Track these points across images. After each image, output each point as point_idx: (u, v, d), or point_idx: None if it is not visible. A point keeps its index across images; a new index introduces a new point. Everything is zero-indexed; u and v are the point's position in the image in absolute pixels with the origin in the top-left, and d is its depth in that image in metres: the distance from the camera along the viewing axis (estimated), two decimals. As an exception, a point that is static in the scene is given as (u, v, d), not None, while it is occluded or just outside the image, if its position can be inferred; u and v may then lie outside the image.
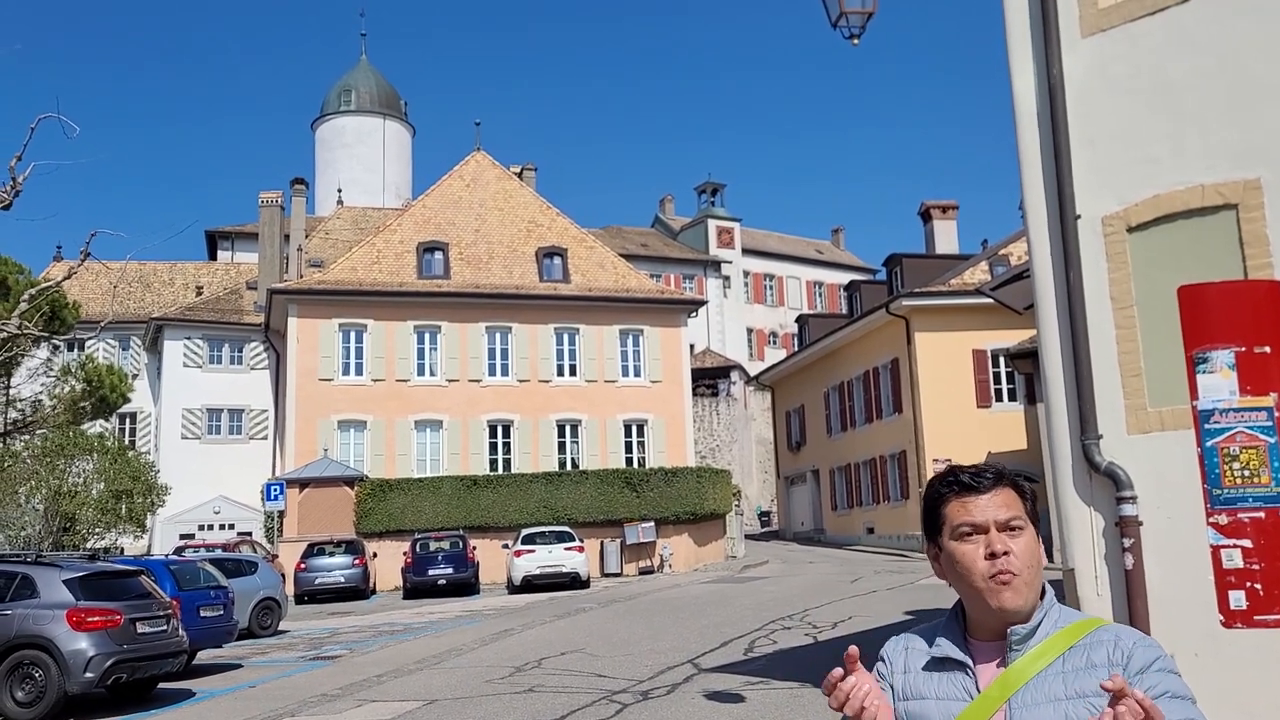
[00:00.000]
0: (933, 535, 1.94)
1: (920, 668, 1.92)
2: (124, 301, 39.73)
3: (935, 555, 1.95)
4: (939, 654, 1.90)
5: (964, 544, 1.86)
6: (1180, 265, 6.02)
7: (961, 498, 1.89)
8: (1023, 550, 1.84)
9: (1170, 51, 6.35)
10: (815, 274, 68.25)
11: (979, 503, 1.87)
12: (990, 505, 1.86)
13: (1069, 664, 1.80)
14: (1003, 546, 1.83)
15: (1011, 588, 1.82)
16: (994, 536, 1.84)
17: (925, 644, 1.95)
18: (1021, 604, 1.83)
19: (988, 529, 1.84)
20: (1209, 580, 5.34)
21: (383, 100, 66.49)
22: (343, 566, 26.34)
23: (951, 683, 1.87)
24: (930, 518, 1.94)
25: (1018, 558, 1.83)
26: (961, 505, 1.88)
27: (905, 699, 1.91)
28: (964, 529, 1.87)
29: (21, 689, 10.93)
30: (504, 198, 38.72)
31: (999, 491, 1.87)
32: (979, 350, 30.90)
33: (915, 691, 1.91)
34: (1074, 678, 1.78)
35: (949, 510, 1.90)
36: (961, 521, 1.87)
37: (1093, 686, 1.75)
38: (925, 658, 1.93)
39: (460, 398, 33.87)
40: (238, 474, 36.77)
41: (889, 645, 2.02)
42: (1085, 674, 1.78)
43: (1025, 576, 1.83)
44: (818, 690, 9.80)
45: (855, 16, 7.32)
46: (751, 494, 53.61)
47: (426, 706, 10.24)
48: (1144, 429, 6.18)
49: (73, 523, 26.14)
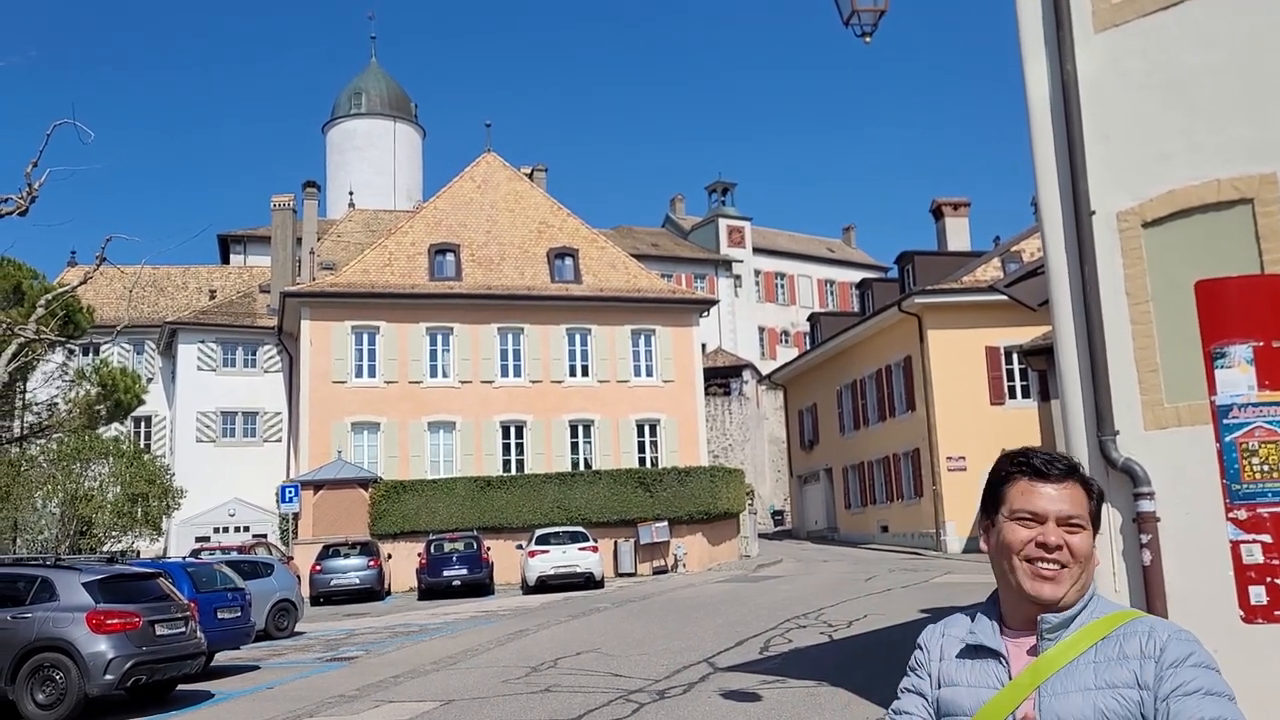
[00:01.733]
0: (990, 511, 1.92)
1: (954, 655, 1.91)
2: (138, 306, 39.92)
3: (987, 529, 1.93)
4: (973, 641, 1.89)
5: (1019, 528, 1.83)
6: (1196, 260, 6.00)
7: (1029, 481, 1.85)
8: (1077, 547, 1.81)
9: (1184, 46, 6.33)
10: (827, 272, 68.15)
11: (1045, 491, 1.84)
12: (1056, 497, 1.83)
13: (1101, 654, 1.78)
14: (1057, 540, 1.81)
15: (1054, 582, 1.80)
16: (1050, 528, 1.81)
17: (961, 631, 1.94)
18: (1058, 598, 1.81)
19: (1046, 519, 1.82)
20: (1228, 576, 5.32)
21: (393, 103, 66.64)
22: (358, 568, 26.41)
23: (984, 670, 1.86)
24: (991, 493, 1.91)
25: (1069, 554, 1.81)
26: (1027, 489, 1.85)
27: (940, 686, 1.91)
28: (1023, 514, 1.84)
29: (42, 691, 11.01)
30: (515, 199, 38.77)
31: (1067, 485, 1.84)
32: (992, 347, 30.81)
33: (949, 679, 1.90)
34: (1105, 668, 1.76)
35: (1013, 491, 1.87)
36: (1022, 506, 1.84)
37: (1124, 677, 1.74)
38: (959, 645, 1.91)
39: (473, 399, 33.93)
40: (252, 476, 36.90)
41: (927, 633, 2.01)
42: (1117, 665, 1.76)
43: (1071, 573, 1.81)
44: (834, 689, 9.84)
45: (867, 14, 7.31)
46: (764, 493, 53.56)
47: (443, 707, 10.27)
48: (1161, 425, 6.17)
49: (89, 526, 26.30)
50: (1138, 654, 1.75)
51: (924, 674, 1.95)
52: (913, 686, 1.97)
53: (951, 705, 1.86)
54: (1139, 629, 1.79)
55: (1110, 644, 1.78)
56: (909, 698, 1.96)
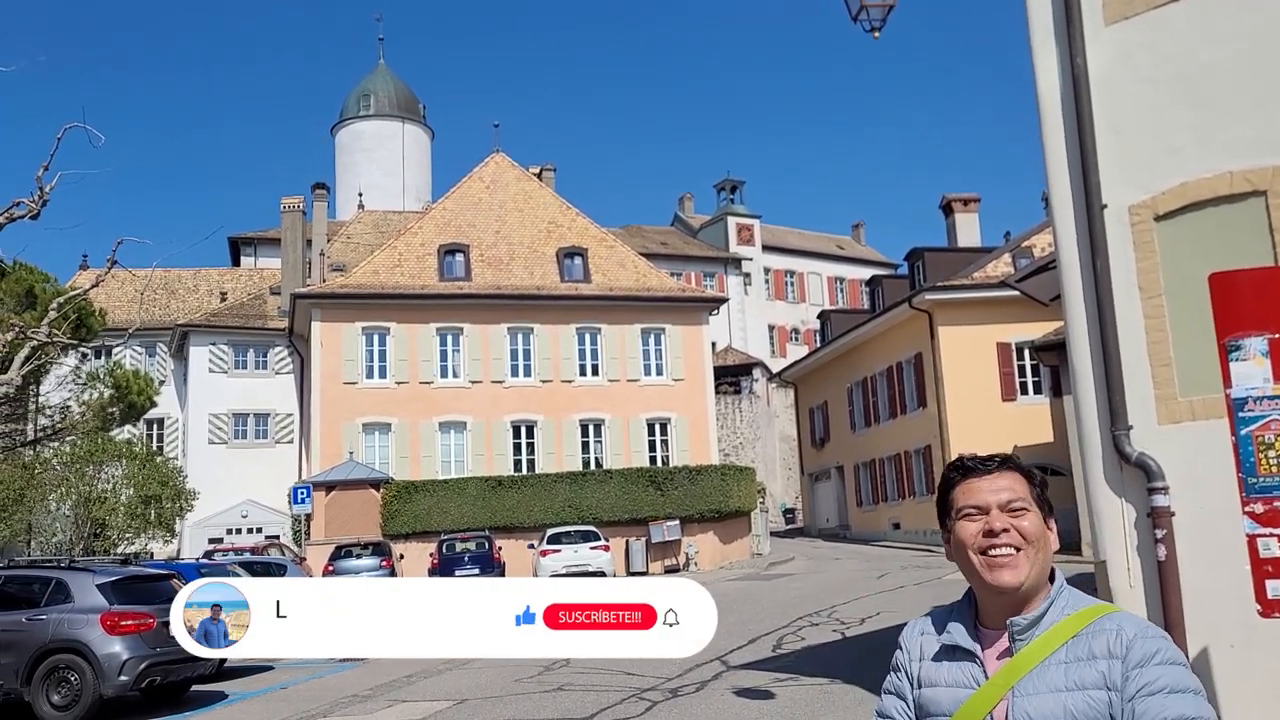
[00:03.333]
0: (944, 520, 2.00)
1: (931, 656, 1.96)
2: (149, 308, 40.03)
3: (946, 539, 2.00)
4: (949, 642, 1.94)
5: (967, 523, 1.92)
6: (1208, 253, 5.97)
7: (966, 481, 1.95)
8: (1026, 529, 1.87)
9: (1195, 38, 6.30)
10: (836, 270, 68.01)
11: (981, 485, 1.93)
12: (992, 487, 1.91)
13: (1071, 654, 1.80)
14: (1001, 524, 1.87)
15: (1009, 566, 1.86)
16: (994, 516, 1.88)
17: (937, 631, 1.99)
18: (1018, 582, 1.85)
19: (989, 509, 1.89)
20: (1244, 570, 5.28)
21: (401, 104, 66.75)
22: (370, 568, 26.44)
23: (961, 671, 1.90)
24: (941, 503, 2.00)
25: (1019, 536, 1.86)
26: (966, 487, 1.94)
27: (919, 686, 1.96)
28: (968, 510, 1.92)
29: (57, 692, 11.06)
30: (524, 199, 38.79)
31: (1002, 475, 1.92)
32: (1003, 343, 30.69)
33: (928, 679, 1.95)
34: (1074, 669, 1.79)
35: (956, 493, 1.96)
36: (965, 502, 1.93)
37: (1092, 678, 1.77)
38: (936, 645, 1.97)
39: (483, 399, 33.96)
40: (265, 478, 36.98)
41: (906, 632, 2.07)
42: (1085, 665, 1.78)
43: (1026, 554, 1.86)
44: (847, 686, 9.82)
45: (876, 9, 7.29)
46: (776, 491, 53.48)
47: (456, 706, 10.29)
48: (1175, 419, 6.14)
49: (103, 528, 26.44)
50: (1105, 653, 1.78)
51: (903, 675, 2.00)
52: (893, 688, 2.02)
53: (932, 705, 1.91)
54: (1107, 626, 1.82)
55: (1079, 643, 1.81)
56: (889, 699, 2.02)
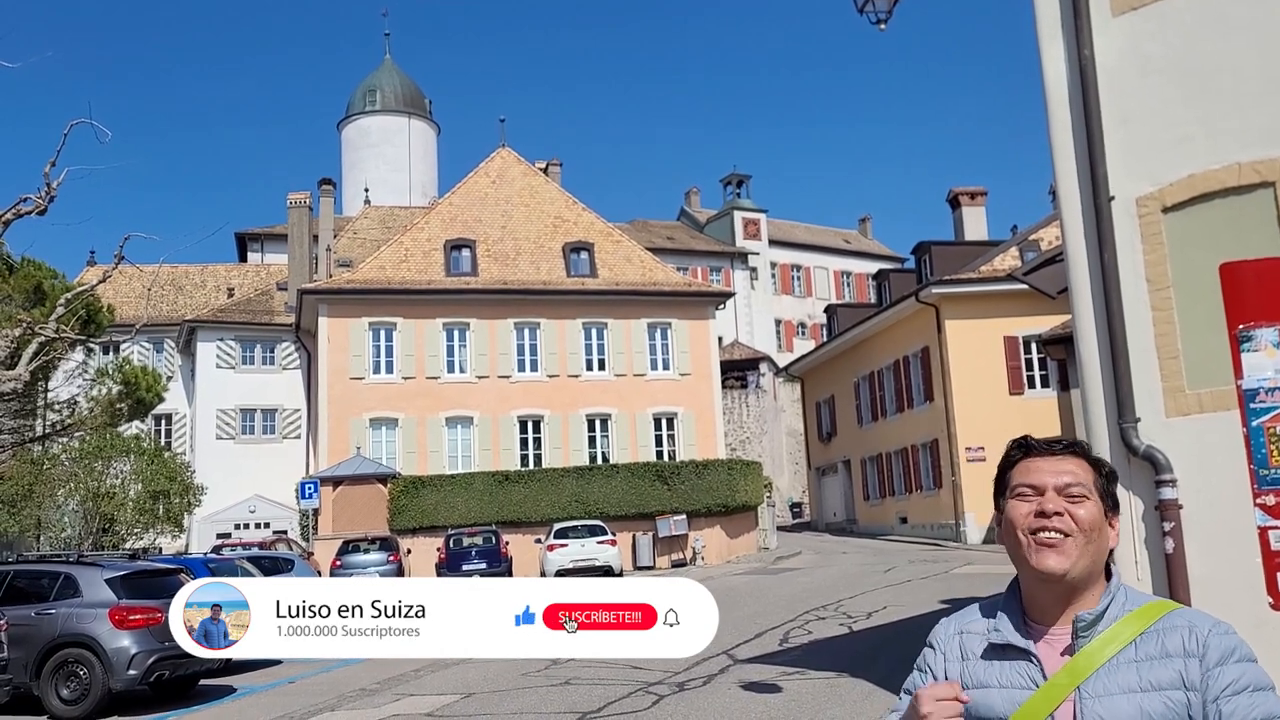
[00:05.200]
0: (998, 500, 1.90)
1: (980, 654, 1.83)
2: (157, 304, 40.13)
3: (999, 521, 1.90)
4: (999, 640, 1.82)
5: (1019, 503, 1.82)
6: (1217, 245, 5.94)
7: (1028, 459, 1.85)
8: (1081, 517, 1.77)
9: (1203, 29, 6.27)
10: (843, 264, 67.87)
11: (1041, 465, 1.83)
12: (1052, 469, 1.82)
13: (1142, 651, 1.71)
14: (1054, 507, 1.77)
15: (1057, 550, 1.75)
16: (1049, 497, 1.78)
17: (982, 628, 1.86)
18: (1063, 569, 1.75)
19: (1044, 490, 1.79)
20: (1253, 563, 5.27)
21: (407, 99, 66.74)
22: (377, 563, 26.48)
23: (1015, 670, 1.78)
24: (999, 481, 1.90)
25: (1071, 521, 1.76)
26: (1026, 466, 1.84)
27: (966, 688, 1.80)
28: (1022, 488, 1.82)
29: (66, 687, 11.11)
30: (530, 194, 38.78)
31: (1066, 459, 1.83)
32: (1010, 337, 30.63)
33: (977, 680, 1.81)
34: (1148, 667, 1.69)
35: (1014, 472, 1.86)
36: (1021, 480, 1.83)
37: (1169, 678, 1.68)
38: (984, 643, 1.84)
39: (490, 394, 33.99)
40: (272, 473, 37.09)
41: (939, 630, 1.94)
42: (1160, 664, 1.69)
43: (1076, 542, 1.75)
44: (854, 680, 9.82)
45: (881, 1, 7.26)
46: (783, 485, 53.46)
47: (464, 700, 10.31)
48: (1183, 411, 6.12)
49: (111, 523, 26.51)
50: (1180, 651, 1.69)
51: (929, 678, 1.89)
52: (914, 688, 1.89)
53: (982, 708, 1.76)
54: (1178, 623, 1.73)
55: (1150, 640, 1.72)
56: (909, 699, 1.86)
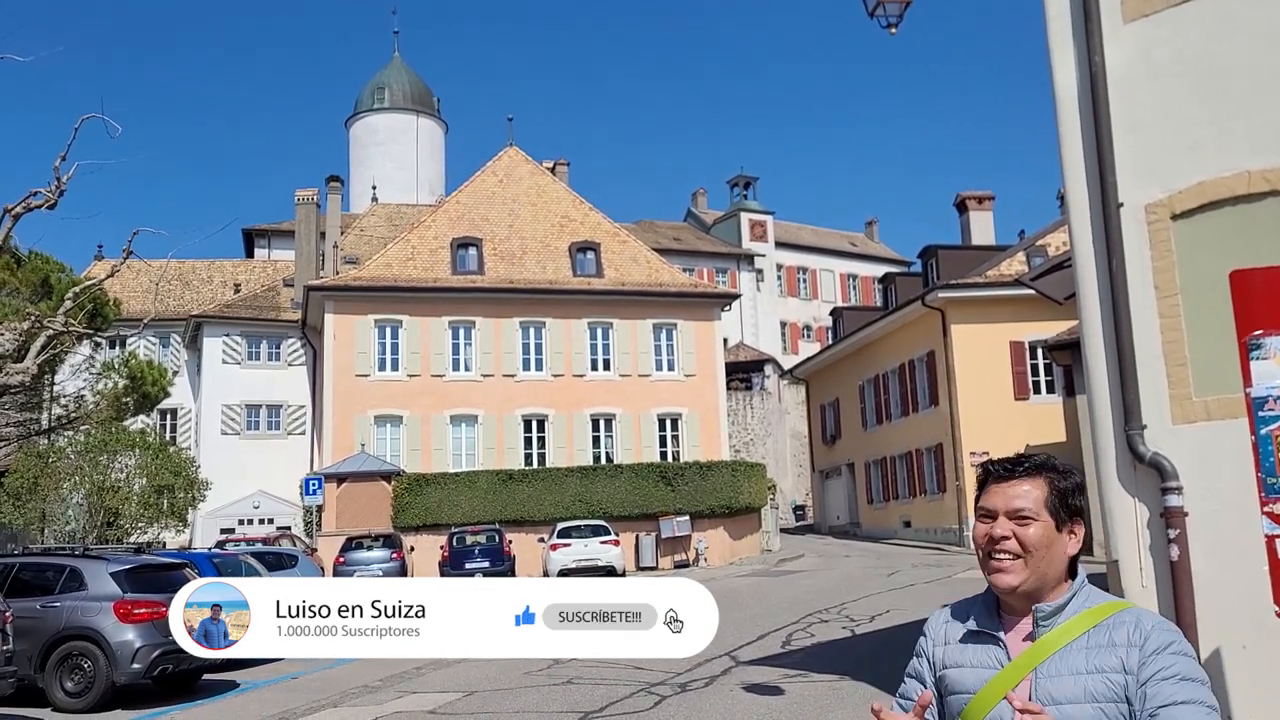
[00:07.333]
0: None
1: (958, 639, 2.11)
2: (164, 299, 40.19)
3: None
4: (974, 627, 2.10)
5: (980, 524, 2.07)
6: (1226, 252, 5.93)
7: (990, 484, 2.09)
8: (1027, 539, 1.99)
9: (1216, 36, 6.26)
10: (849, 266, 67.81)
11: (996, 490, 2.06)
12: (1004, 494, 2.04)
13: (1092, 640, 1.96)
14: (1003, 532, 2.01)
15: (1005, 571, 2.00)
16: (1000, 522, 2.02)
17: (963, 618, 2.14)
18: (1010, 587, 2.00)
19: (997, 515, 2.03)
20: (1258, 571, 5.26)
21: (415, 97, 66.81)
22: (381, 560, 26.50)
23: (985, 653, 2.05)
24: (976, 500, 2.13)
25: (1017, 544, 1.99)
26: (988, 491, 2.08)
27: (944, 667, 2.11)
28: (982, 510, 2.07)
29: (71, 679, 11.15)
30: (537, 193, 38.81)
31: (1020, 482, 2.05)
32: (1016, 342, 30.59)
33: (953, 660, 2.10)
34: (1095, 654, 1.94)
35: (981, 494, 2.10)
36: (982, 504, 2.08)
37: (1111, 663, 1.92)
38: (962, 630, 2.12)
39: (495, 393, 34.03)
40: (276, 469, 37.14)
41: (932, 620, 2.22)
42: (1106, 651, 1.94)
43: (1025, 561, 1.99)
44: (856, 683, 9.82)
45: (892, 5, 7.27)
46: (786, 488, 53.44)
47: (466, 698, 10.33)
48: (1189, 419, 6.11)
49: (116, 517, 26.55)
50: (1125, 642, 1.94)
51: (924, 660, 2.16)
52: (914, 671, 2.19)
53: (957, 684, 2.06)
54: (1126, 619, 1.97)
55: (1100, 632, 1.97)
56: (910, 682, 2.18)
